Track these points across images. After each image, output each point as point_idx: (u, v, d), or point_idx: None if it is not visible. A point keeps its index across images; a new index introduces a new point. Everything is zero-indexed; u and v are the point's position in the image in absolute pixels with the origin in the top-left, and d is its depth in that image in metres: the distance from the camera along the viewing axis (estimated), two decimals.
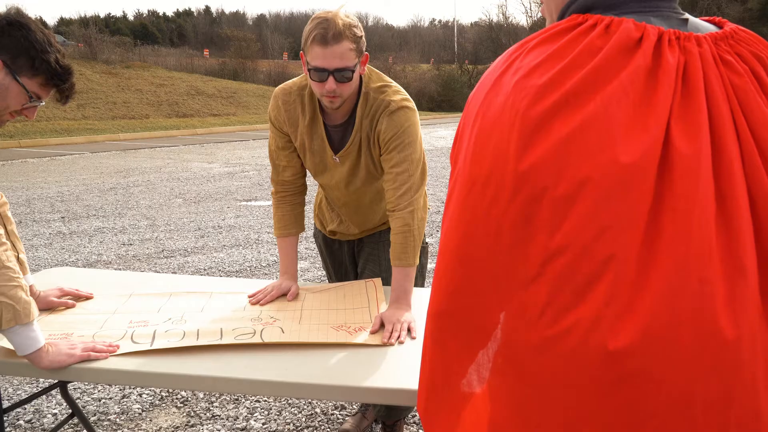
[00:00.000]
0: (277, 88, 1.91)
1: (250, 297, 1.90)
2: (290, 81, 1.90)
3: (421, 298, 1.81)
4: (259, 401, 2.68)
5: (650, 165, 0.67)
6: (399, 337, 1.60)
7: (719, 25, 0.80)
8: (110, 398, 2.72)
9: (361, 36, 1.69)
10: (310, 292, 1.97)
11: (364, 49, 1.72)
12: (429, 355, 0.83)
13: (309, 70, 1.68)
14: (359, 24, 1.69)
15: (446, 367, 0.81)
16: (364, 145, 1.84)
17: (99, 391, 2.78)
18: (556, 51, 0.71)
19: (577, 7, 0.78)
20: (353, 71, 1.68)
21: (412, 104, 1.83)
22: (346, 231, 2.12)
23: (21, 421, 2.52)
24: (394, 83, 1.85)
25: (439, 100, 29.49)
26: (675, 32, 0.72)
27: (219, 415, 2.57)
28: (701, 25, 0.78)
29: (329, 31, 1.60)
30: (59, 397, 2.68)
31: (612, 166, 0.67)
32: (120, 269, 4.64)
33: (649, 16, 0.74)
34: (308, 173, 2.04)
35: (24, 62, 1.42)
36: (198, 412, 2.60)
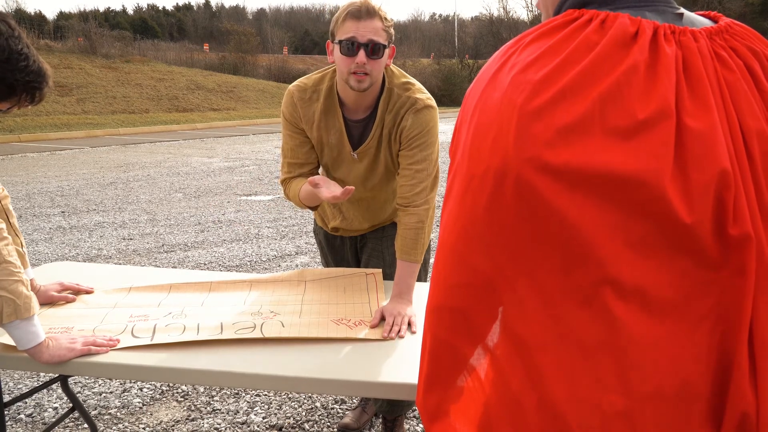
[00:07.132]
0: (290, 85, 1.90)
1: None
2: (304, 78, 1.90)
3: (422, 293, 1.82)
4: (259, 395, 2.69)
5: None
6: (399, 331, 1.61)
7: (714, 20, 0.80)
8: (111, 392, 2.73)
9: (392, 25, 1.73)
10: (310, 279, 1.99)
11: (392, 39, 1.75)
12: (428, 350, 0.83)
13: (340, 43, 1.69)
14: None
15: (445, 361, 0.81)
16: (385, 141, 1.85)
17: (99, 385, 2.80)
18: (552, 46, 0.71)
19: (572, 2, 0.78)
20: (384, 47, 1.70)
21: (435, 104, 1.85)
22: (349, 227, 2.12)
23: (22, 415, 2.53)
24: (416, 81, 1.87)
25: (440, 94, 29.44)
26: (670, 27, 0.72)
27: (219, 409, 2.58)
28: (696, 19, 0.78)
29: (363, 7, 1.67)
30: (60, 391, 2.69)
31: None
32: (120, 264, 4.65)
33: (644, 10, 0.74)
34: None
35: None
36: (198, 406, 2.61)
